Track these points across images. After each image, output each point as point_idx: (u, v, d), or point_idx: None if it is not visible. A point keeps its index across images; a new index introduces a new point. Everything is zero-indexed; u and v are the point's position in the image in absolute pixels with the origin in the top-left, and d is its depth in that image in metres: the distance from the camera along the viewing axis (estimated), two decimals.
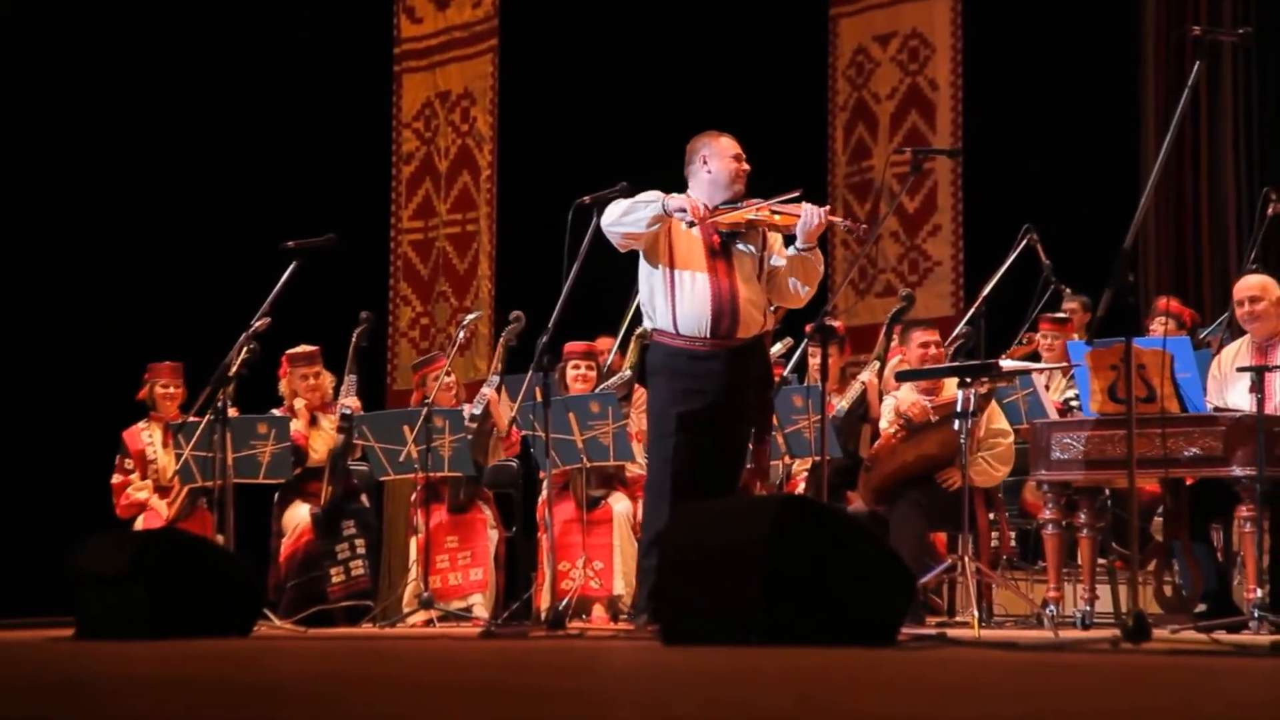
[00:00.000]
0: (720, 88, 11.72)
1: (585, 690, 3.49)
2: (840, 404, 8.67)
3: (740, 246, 6.86)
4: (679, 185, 6.95)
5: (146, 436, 9.58)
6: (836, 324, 8.87)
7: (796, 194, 6.79)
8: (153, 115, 12.51)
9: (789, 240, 6.93)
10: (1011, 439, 7.99)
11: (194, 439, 8.58)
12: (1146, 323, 8.50)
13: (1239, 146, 10.70)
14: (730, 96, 11.72)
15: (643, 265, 6.91)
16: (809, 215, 6.70)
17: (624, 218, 6.81)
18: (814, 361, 8.78)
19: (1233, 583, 7.55)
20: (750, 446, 6.93)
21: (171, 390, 9.61)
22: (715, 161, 6.93)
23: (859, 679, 3.68)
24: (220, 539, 7.94)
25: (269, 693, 3.46)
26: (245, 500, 8.61)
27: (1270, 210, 8.54)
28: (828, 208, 6.78)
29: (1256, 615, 6.75)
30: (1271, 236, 9.01)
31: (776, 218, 6.78)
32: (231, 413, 8.31)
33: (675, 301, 6.81)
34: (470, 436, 8.86)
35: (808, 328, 8.13)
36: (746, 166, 6.96)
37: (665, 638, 5.17)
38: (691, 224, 6.78)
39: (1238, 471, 6.76)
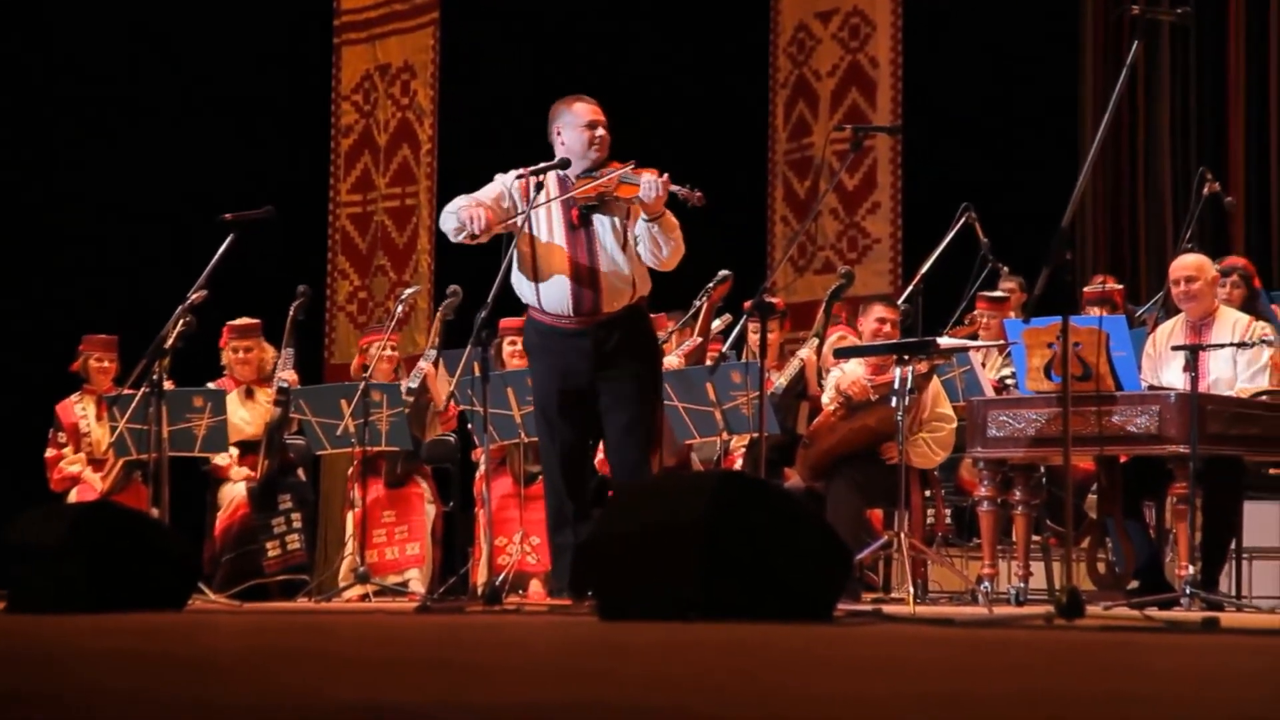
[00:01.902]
0: (661, 64, 11.72)
1: (522, 666, 3.48)
2: (779, 380, 8.68)
3: (601, 218, 6.82)
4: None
5: (80, 409, 9.51)
6: (776, 300, 8.88)
7: (634, 163, 6.72)
8: (88, 85, 12.40)
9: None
10: (954, 425, 7.98)
11: (129, 412, 8.51)
12: (1082, 304, 8.54)
13: (1176, 126, 10.77)
14: (671, 73, 11.72)
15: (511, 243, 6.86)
16: (646, 186, 6.63)
17: (444, 227, 6.87)
18: (753, 338, 8.79)
19: (1165, 560, 7.61)
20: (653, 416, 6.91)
21: (105, 363, 9.54)
22: (568, 132, 6.86)
23: (795, 654, 3.69)
24: (155, 512, 7.90)
25: (203, 667, 3.44)
26: (180, 474, 8.56)
27: (1206, 190, 8.59)
28: (666, 176, 6.66)
29: (1188, 592, 6.80)
30: (1207, 216, 9.08)
31: (621, 188, 6.72)
32: (167, 385, 8.26)
33: (538, 280, 6.80)
34: (408, 411, 8.84)
35: (747, 304, 8.14)
36: (601, 133, 6.83)
37: (602, 613, 5.17)
38: (474, 236, 6.72)
39: (1171, 449, 6.80)
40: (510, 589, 8.32)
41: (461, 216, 6.74)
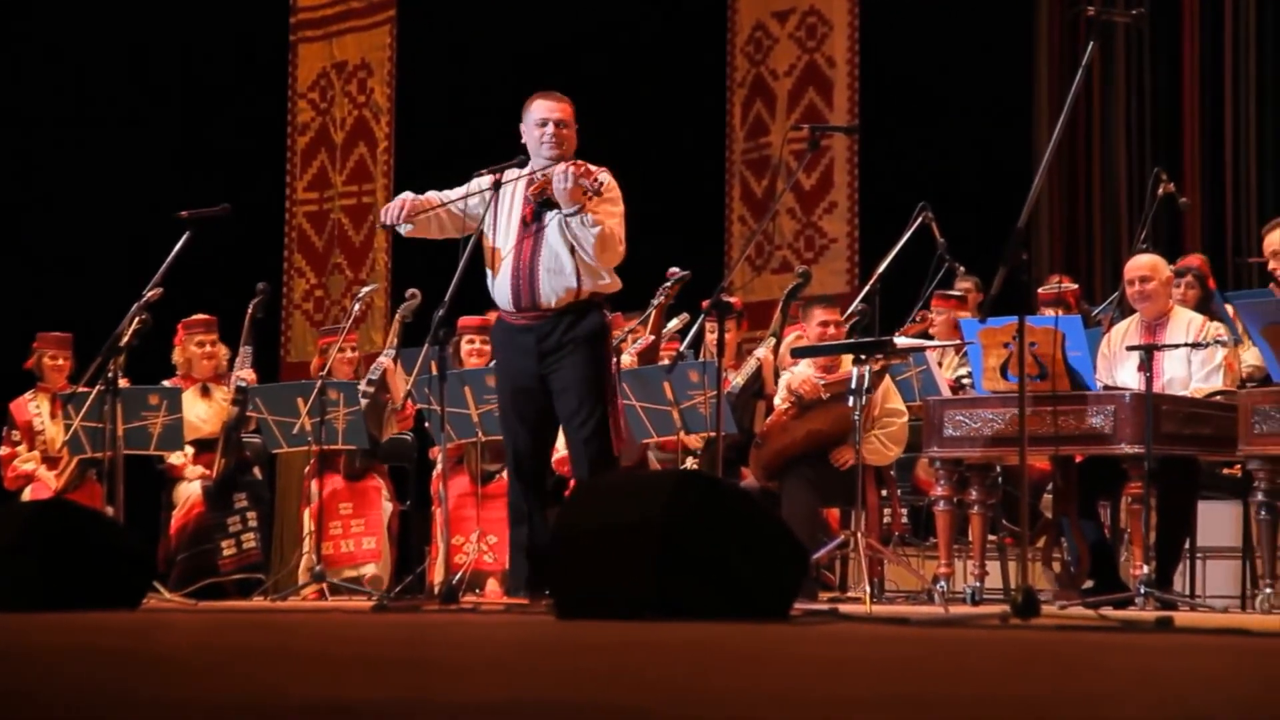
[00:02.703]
0: (619, 62, 11.71)
1: (479, 665, 3.48)
2: (736, 380, 8.68)
3: (551, 214, 6.83)
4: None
5: (34, 408, 9.46)
6: (733, 300, 8.88)
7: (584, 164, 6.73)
8: (44, 82, 12.33)
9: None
10: (906, 419, 8.02)
11: (84, 410, 8.48)
12: (1038, 304, 8.57)
13: (1131, 127, 10.83)
14: (629, 72, 11.72)
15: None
16: (556, 180, 6.66)
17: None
18: (710, 337, 8.81)
19: (1120, 559, 7.64)
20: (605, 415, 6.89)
21: (60, 361, 9.50)
22: (526, 129, 6.93)
23: (752, 654, 3.70)
24: (110, 511, 7.86)
25: (162, 665, 3.43)
26: (135, 472, 8.52)
27: (1161, 190, 8.63)
28: (581, 167, 6.65)
29: (1142, 591, 6.84)
30: (1162, 216, 9.12)
31: (552, 184, 6.73)
32: (122, 383, 8.22)
33: (493, 276, 6.87)
34: (364, 407, 8.82)
35: (704, 303, 8.14)
36: (553, 130, 6.84)
37: (559, 612, 5.17)
38: (387, 227, 6.93)
39: (1126, 449, 6.84)
40: (467, 588, 8.32)
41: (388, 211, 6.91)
